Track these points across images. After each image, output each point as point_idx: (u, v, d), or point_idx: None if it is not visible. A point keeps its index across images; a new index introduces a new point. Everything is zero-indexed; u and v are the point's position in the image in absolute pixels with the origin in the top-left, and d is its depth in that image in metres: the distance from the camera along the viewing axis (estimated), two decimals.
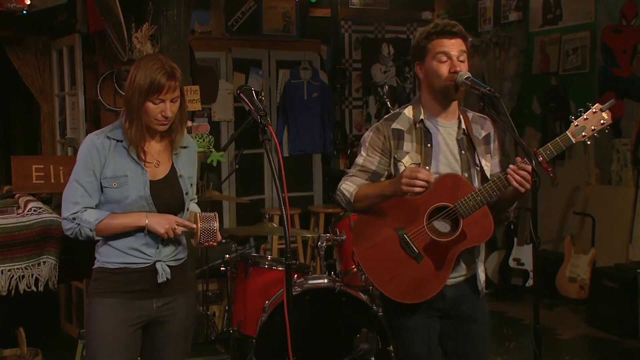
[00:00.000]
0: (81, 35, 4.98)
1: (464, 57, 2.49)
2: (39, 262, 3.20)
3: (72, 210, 2.46)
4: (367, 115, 7.40)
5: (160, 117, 2.44)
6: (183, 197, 2.59)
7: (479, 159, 2.54)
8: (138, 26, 3.91)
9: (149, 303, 2.54)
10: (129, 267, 2.51)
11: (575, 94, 6.19)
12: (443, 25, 2.49)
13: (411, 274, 2.50)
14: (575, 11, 6.16)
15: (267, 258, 4.25)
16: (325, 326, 3.61)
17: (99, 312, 2.50)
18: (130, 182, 2.47)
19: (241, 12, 6.75)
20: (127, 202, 2.46)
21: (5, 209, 3.34)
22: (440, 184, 2.47)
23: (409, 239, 2.49)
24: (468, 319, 2.59)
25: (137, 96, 2.41)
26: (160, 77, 2.40)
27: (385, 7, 7.44)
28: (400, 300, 2.53)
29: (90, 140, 2.49)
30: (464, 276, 2.58)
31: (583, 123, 2.42)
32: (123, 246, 2.50)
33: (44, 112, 5.68)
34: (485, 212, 2.44)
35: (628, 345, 4.85)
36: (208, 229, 2.46)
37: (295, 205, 6.44)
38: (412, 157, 2.53)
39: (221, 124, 6.37)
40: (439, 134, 2.55)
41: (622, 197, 5.66)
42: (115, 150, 2.49)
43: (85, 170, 2.46)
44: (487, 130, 2.62)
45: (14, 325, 3.90)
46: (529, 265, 5.77)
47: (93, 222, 2.44)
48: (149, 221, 2.45)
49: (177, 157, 2.60)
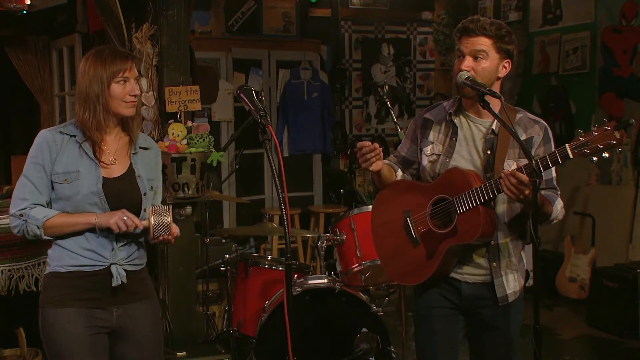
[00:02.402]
0: (81, 35, 4.99)
1: (481, 56, 2.41)
2: (39, 262, 3.20)
3: (19, 206, 2.38)
4: (367, 115, 7.40)
5: (129, 97, 2.40)
6: (141, 197, 2.49)
7: (504, 162, 2.45)
8: (138, 26, 3.91)
9: (108, 312, 2.43)
10: (82, 270, 2.40)
11: (575, 94, 6.19)
12: (466, 22, 2.46)
13: (407, 257, 2.57)
14: (575, 11, 6.16)
15: (267, 258, 4.25)
16: (325, 326, 3.60)
17: (56, 324, 2.38)
18: (82, 177, 2.39)
19: (241, 12, 6.75)
20: (78, 198, 2.37)
21: (6, 209, 3.33)
22: (448, 176, 2.46)
23: (410, 223, 2.54)
24: (486, 327, 2.55)
25: (98, 82, 2.37)
26: (120, 55, 2.41)
27: (385, 7, 7.44)
28: (397, 280, 2.68)
29: (42, 136, 2.42)
30: (482, 277, 2.51)
31: (589, 139, 2.23)
32: (75, 246, 2.40)
33: (44, 112, 5.69)
34: (477, 213, 2.37)
35: (628, 345, 4.85)
36: (161, 222, 2.35)
37: (295, 205, 6.44)
38: (434, 147, 2.56)
39: (221, 124, 6.37)
40: (467, 130, 2.53)
41: (622, 197, 5.66)
42: (68, 146, 2.41)
43: (35, 165, 2.39)
44: (530, 134, 2.49)
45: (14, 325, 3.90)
46: (529, 265, 5.74)
47: (41, 219, 2.35)
48: (98, 219, 2.36)
49: (135, 156, 2.52)
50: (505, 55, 2.46)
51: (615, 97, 5.80)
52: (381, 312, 3.62)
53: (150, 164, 2.57)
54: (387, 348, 3.58)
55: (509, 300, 2.52)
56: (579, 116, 6.16)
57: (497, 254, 2.49)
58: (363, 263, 3.80)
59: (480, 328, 2.57)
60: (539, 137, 2.49)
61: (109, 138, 2.47)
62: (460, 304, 2.54)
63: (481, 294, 2.52)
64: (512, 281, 2.54)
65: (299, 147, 6.83)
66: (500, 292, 2.50)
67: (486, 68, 2.42)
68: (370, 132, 7.37)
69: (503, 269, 2.51)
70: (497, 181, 2.33)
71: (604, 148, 2.23)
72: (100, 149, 2.44)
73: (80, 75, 2.43)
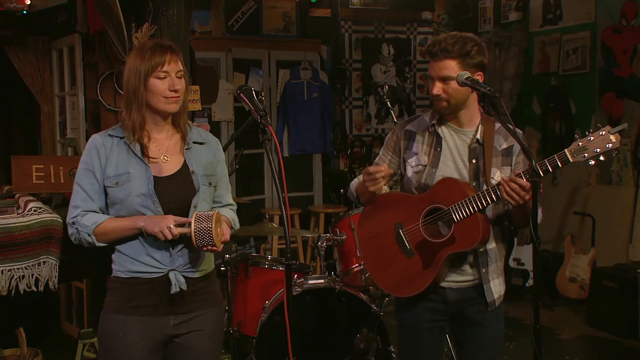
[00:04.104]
0: (81, 35, 4.98)
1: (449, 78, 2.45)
2: (39, 262, 3.19)
3: (72, 214, 2.33)
4: (367, 115, 7.40)
5: (169, 92, 2.28)
6: (195, 194, 2.37)
7: (491, 170, 2.50)
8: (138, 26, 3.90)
9: (165, 320, 2.34)
10: (141, 277, 2.32)
11: (575, 94, 6.19)
12: (432, 45, 2.49)
13: (401, 269, 2.57)
14: (575, 11, 6.16)
15: (267, 258, 4.25)
16: (325, 326, 3.61)
17: (113, 330, 2.33)
18: (133, 179, 2.29)
19: (241, 12, 6.76)
20: (130, 201, 2.29)
21: (5, 209, 3.33)
22: (441, 186, 2.50)
23: (403, 235, 2.56)
24: (472, 324, 2.58)
25: (137, 76, 2.27)
26: (160, 48, 2.29)
27: (385, 7, 7.44)
28: (389, 292, 2.65)
29: (92, 140, 2.36)
30: (469, 282, 2.56)
31: (586, 143, 2.30)
32: (133, 252, 2.32)
33: (44, 112, 5.68)
34: (476, 219, 2.42)
35: (628, 345, 4.85)
36: (201, 229, 2.20)
37: (295, 205, 6.44)
38: (419, 158, 2.58)
39: (221, 124, 6.37)
40: (451, 140, 2.57)
41: (622, 197, 5.67)
42: (117, 148, 2.33)
43: (85, 172, 2.33)
44: (510, 143, 2.55)
45: (14, 325, 3.90)
46: (529, 265, 5.76)
47: (90, 226, 2.30)
48: (145, 222, 2.26)
49: (189, 152, 2.40)
50: (475, 69, 2.48)
51: (615, 97, 5.80)
52: (381, 312, 3.62)
53: (208, 159, 2.44)
54: (387, 348, 3.58)
55: (496, 304, 2.58)
56: (579, 116, 6.16)
57: (486, 260, 2.54)
58: (363, 263, 3.80)
59: (467, 328, 2.60)
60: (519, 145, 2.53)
61: (159, 136, 2.38)
62: (447, 310, 2.58)
63: (466, 297, 2.57)
64: (498, 285, 2.59)
65: (299, 147, 6.83)
66: (490, 297, 2.56)
67: (457, 88, 2.46)
68: (370, 132, 7.38)
69: (491, 274, 2.56)
70: (494, 188, 2.37)
71: (601, 152, 2.29)
72: (150, 148, 2.34)
73: (125, 71, 2.34)
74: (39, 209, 3.30)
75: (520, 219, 2.49)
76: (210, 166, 2.44)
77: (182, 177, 2.36)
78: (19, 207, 3.40)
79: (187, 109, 2.42)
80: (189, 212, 2.34)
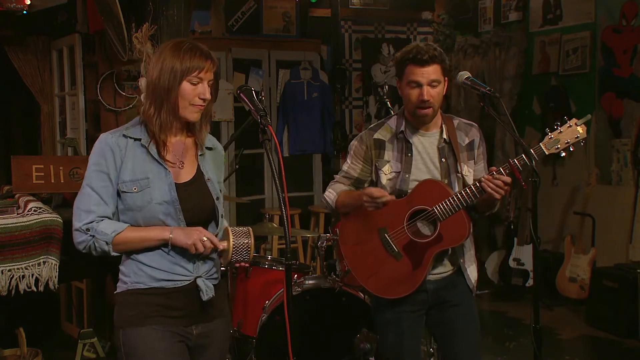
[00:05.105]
0: (81, 35, 4.99)
1: (436, 84, 2.56)
2: (39, 262, 3.19)
3: (85, 220, 2.13)
4: (367, 115, 7.40)
5: (198, 100, 2.16)
6: (214, 202, 2.27)
7: (460, 166, 2.65)
8: (138, 26, 3.91)
9: (190, 330, 2.24)
10: (165, 287, 2.18)
11: (575, 94, 6.19)
12: (416, 52, 2.54)
13: (391, 271, 2.66)
14: (575, 11, 6.16)
15: (267, 258, 4.25)
16: (325, 326, 3.61)
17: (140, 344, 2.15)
18: (153, 184, 2.16)
19: (241, 12, 6.76)
20: (149, 208, 2.15)
21: (5, 209, 3.33)
22: (422, 188, 2.60)
23: (389, 239, 2.64)
24: (451, 303, 2.70)
25: (170, 75, 2.13)
26: (200, 53, 2.17)
27: (385, 7, 7.44)
28: (380, 295, 2.70)
29: (104, 140, 2.17)
30: (448, 272, 2.71)
31: (557, 136, 2.48)
32: (156, 262, 2.18)
33: (44, 112, 5.69)
34: (461, 216, 2.55)
35: (628, 345, 4.85)
36: (241, 245, 2.15)
37: (295, 205, 6.44)
38: (392, 165, 2.68)
39: (221, 124, 6.37)
40: (419, 144, 2.67)
41: (622, 197, 5.66)
42: (133, 150, 2.17)
43: (98, 174, 2.14)
44: (471, 137, 2.71)
45: (14, 325, 3.90)
46: (529, 265, 5.77)
47: (110, 234, 2.12)
48: (173, 234, 2.14)
49: (202, 158, 2.29)
50: (447, 75, 2.62)
51: (615, 97, 5.80)
52: None
53: (217, 166, 2.36)
54: None
55: (475, 290, 2.75)
56: (579, 116, 6.08)
57: (462, 250, 2.70)
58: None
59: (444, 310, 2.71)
60: (478, 138, 2.72)
61: (173, 139, 2.25)
62: (427, 299, 2.70)
63: (445, 282, 2.70)
64: (474, 271, 2.75)
65: (299, 147, 6.83)
66: (470, 284, 2.72)
67: (440, 92, 2.59)
68: None
69: (467, 262, 2.72)
70: (477, 185, 2.50)
71: (571, 142, 2.49)
72: (166, 151, 2.22)
73: (152, 65, 2.20)
74: (39, 209, 3.30)
75: (486, 207, 2.65)
76: (219, 172, 2.38)
77: (198, 184, 2.26)
78: (19, 207, 3.40)
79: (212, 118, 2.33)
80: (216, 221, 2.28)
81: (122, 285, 2.23)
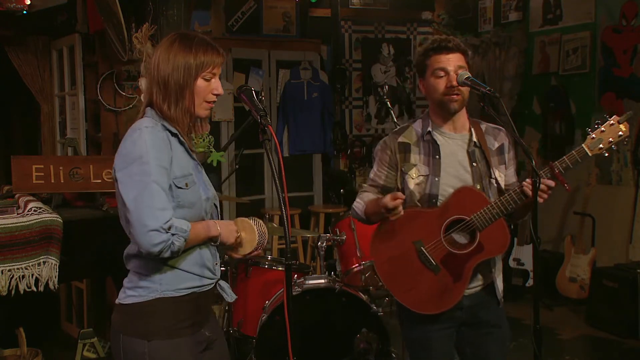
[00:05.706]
0: (81, 35, 4.99)
1: (462, 71, 2.49)
2: (39, 262, 3.19)
3: (163, 218, 1.93)
4: (367, 115, 7.40)
5: (211, 96, 2.10)
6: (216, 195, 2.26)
7: (493, 171, 2.55)
8: (138, 26, 3.91)
9: (204, 332, 2.20)
10: (197, 291, 2.12)
11: (575, 94, 6.19)
12: (440, 41, 2.51)
13: (429, 286, 2.52)
14: (575, 11, 6.16)
15: (267, 258, 4.25)
16: (325, 326, 3.61)
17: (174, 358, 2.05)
18: (197, 180, 2.11)
19: (241, 12, 6.75)
20: (199, 205, 2.10)
21: (5, 209, 3.33)
22: (457, 197, 2.48)
23: (426, 252, 2.52)
24: (487, 325, 2.60)
25: (184, 71, 2.03)
26: (212, 47, 2.09)
27: (385, 7, 7.44)
28: (417, 310, 2.54)
29: (153, 132, 2.02)
30: (481, 286, 2.59)
31: (600, 135, 2.36)
32: (187, 265, 2.09)
33: (44, 112, 5.69)
34: (502, 225, 2.45)
35: (628, 345, 4.85)
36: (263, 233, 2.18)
37: (295, 205, 6.44)
38: (419, 169, 2.55)
39: (221, 124, 6.37)
40: (447, 146, 2.56)
41: (622, 197, 5.67)
42: (175, 145, 2.08)
43: (160, 169, 1.98)
44: (500, 141, 2.61)
45: (14, 325, 3.90)
46: (529, 265, 5.77)
47: (187, 230, 1.99)
48: (221, 229, 2.09)
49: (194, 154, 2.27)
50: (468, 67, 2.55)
51: (615, 97, 5.80)
52: (381, 312, 3.62)
53: None
54: (387, 348, 3.58)
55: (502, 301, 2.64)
56: (579, 116, 6.16)
57: (494, 260, 2.60)
58: (363, 263, 3.81)
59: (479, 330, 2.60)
60: (507, 142, 2.63)
61: None
62: (462, 316, 2.58)
63: (480, 299, 2.59)
64: (500, 282, 2.64)
65: (299, 147, 6.83)
66: (499, 295, 2.61)
67: None
68: (371, 132, 7.38)
69: (496, 273, 2.63)
70: (517, 191, 2.40)
71: (614, 141, 2.37)
72: None
73: (160, 60, 2.08)
74: (39, 209, 3.30)
75: (524, 213, 2.55)
76: None
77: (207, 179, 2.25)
78: (19, 207, 3.40)
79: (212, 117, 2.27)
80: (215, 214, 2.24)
81: (147, 292, 2.06)
